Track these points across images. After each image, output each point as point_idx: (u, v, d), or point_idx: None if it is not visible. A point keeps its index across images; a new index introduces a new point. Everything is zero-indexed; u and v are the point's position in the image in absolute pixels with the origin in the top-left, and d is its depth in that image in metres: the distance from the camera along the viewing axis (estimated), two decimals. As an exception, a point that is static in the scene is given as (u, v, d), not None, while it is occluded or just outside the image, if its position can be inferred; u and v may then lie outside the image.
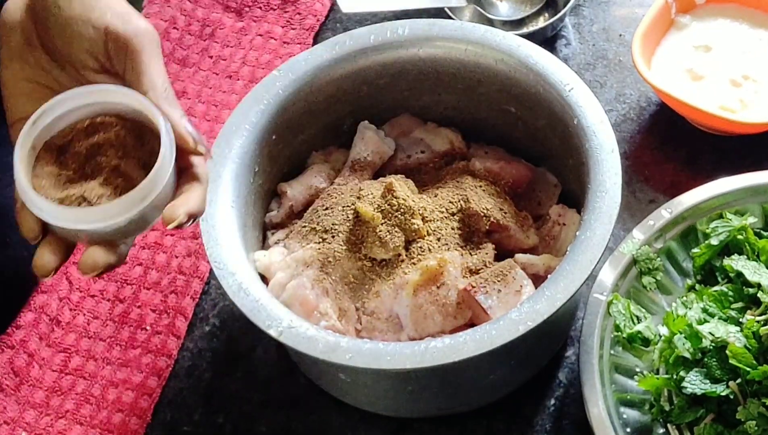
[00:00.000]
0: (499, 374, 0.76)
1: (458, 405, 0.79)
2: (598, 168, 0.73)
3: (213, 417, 0.82)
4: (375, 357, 0.67)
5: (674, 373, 0.72)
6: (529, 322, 0.66)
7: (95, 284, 0.90)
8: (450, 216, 0.78)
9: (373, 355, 0.67)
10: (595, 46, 1.01)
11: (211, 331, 0.87)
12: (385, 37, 0.84)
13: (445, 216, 0.78)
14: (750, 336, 0.70)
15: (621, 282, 0.77)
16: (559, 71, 0.79)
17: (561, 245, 0.79)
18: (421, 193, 0.80)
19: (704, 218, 0.80)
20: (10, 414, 0.83)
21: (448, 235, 0.77)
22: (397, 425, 0.80)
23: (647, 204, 0.89)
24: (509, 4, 1.05)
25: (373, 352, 0.67)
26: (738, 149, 0.91)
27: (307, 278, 0.76)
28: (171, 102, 0.62)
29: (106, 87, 0.63)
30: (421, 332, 0.74)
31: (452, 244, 0.77)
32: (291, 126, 0.83)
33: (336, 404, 0.81)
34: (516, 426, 0.79)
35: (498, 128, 0.86)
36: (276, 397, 0.83)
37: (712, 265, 0.79)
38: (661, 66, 0.93)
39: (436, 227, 0.77)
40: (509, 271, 0.74)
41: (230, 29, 1.07)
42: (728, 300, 0.75)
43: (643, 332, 0.75)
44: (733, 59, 0.92)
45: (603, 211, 0.71)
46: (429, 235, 0.77)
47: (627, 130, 0.95)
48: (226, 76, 1.03)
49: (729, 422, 0.70)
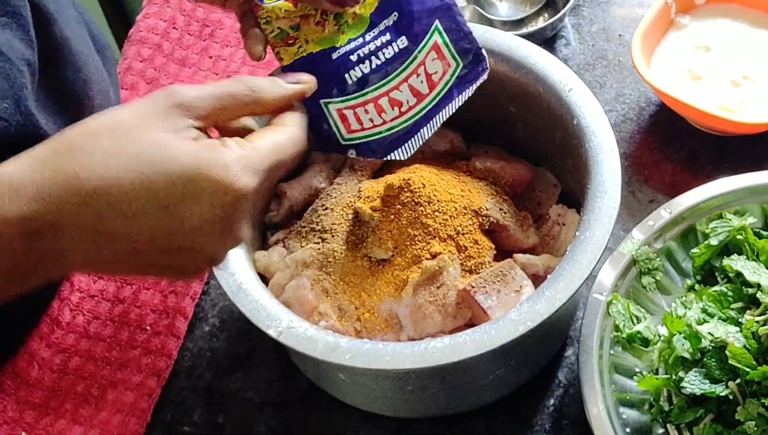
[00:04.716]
0: (499, 374, 0.76)
1: (458, 405, 0.79)
2: (597, 168, 0.73)
3: (213, 417, 0.82)
4: (375, 357, 0.67)
5: (674, 374, 0.72)
6: (529, 322, 0.66)
7: (95, 284, 0.90)
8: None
9: (373, 355, 0.67)
10: (595, 46, 1.01)
11: (211, 331, 0.87)
12: (384, 37, 0.84)
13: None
14: (749, 336, 0.70)
15: (620, 282, 0.77)
16: (558, 71, 0.79)
17: (561, 245, 0.79)
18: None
19: (704, 218, 0.80)
20: (10, 414, 0.83)
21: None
22: (397, 425, 0.80)
23: (647, 204, 0.89)
24: (509, 4, 1.05)
25: (373, 352, 0.67)
26: (738, 149, 0.91)
27: (306, 278, 0.76)
28: None
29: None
30: (421, 332, 0.74)
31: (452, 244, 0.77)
32: (291, 126, 0.83)
33: (336, 404, 0.81)
34: (516, 426, 0.79)
35: (498, 128, 0.86)
36: (276, 397, 0.83)
37: (712, 266, 0.79)
38: (660, 66, 0.93)
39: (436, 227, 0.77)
40: (509, 271, 0.74)
41: (230, 29, 1.07)
42: (728, 300, 0.75)
43: (642, 332, 0.75)
44: (733, 59, 0.92)
45: (603, 211, 0.71)
46: (430, 235, 0.77)
47: (627, 130, 0.95)
48: (226, 76, 1.03)
49: (728, 422, 0.70)
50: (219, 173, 0.57)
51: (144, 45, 1.06)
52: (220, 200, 0.57)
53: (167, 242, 0.57)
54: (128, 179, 0.55)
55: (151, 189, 0.55)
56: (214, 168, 0.57)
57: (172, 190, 0.56)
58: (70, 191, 0.54)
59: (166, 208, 0.56)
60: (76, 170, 0.54)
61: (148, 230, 0.56)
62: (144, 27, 1.08)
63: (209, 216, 0.57)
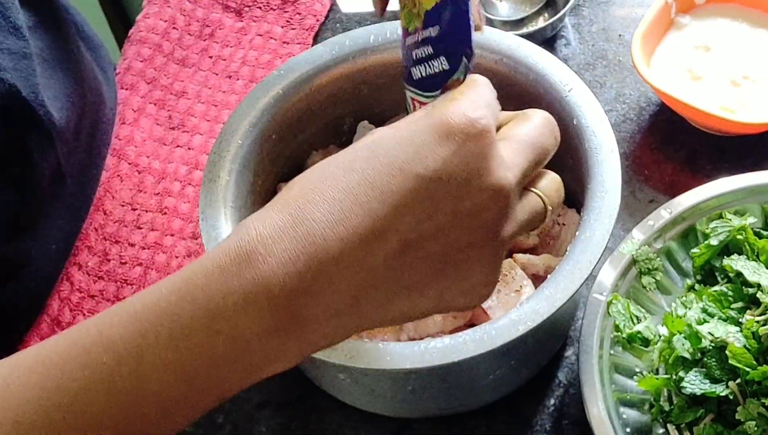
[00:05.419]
0: (499, 374, 0.76)
1: (458, 405, 0.79)
2: (598, 168, 0.73)
3: (213, 417, 0.82)
4: (375, 357, 0.67)
5: (674, 374, 0.72)
6: (529, 322, 0.66)
7: (95, 284, 0.90)
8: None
9: (373, 355, 0.67)
10: (595, 46, 1.01)
11: (211, 331, 0.87)
12: (385, 37, 0.84)
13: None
14: (749, 336, 0.70)
15: (621, 282, 0.77)
16: (558, 71, 0.79)
17: (561, 245, 0.79)
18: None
19: (704, 218, 0.80)
20: (10, 414, 0.83)
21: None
22: (397, 425, 0.80)
23: (647, 204, 0.89)
24: (509, 4, 1.05)
25: (373, 352, 0.67)
26: (738, 149, 0.91)
27: (306, 278, 0.76)
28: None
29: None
30: (421, 332, 0.74)
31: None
32: (291, 126, 0.84)
33: (336, 404, 0.81)
34: (516, 426, 0.79)
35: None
36: (276, 397, 0.83)
37: (712, 266, 0.79)
38: (660, 66, 0.93)
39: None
40: (509, 271, 0.74)
41: (230, 29, 1.07)
42: (728, 300, 0.75)
43: (642, 332, 0.75)
44: (733, 59, 0.92)
45: (603, 211, 0.71)
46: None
47: (627, 130, 0.95)
48: (226, 76, 1.03)
49: (728, 422, 0.70)
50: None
51: (144, 45, 1.06)
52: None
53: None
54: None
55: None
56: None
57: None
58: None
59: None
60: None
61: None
62: (144, 27, 1.08)
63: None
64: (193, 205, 0.94)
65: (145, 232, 0.93)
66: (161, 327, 0.48)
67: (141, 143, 0.99)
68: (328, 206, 0.48)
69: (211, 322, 0.48)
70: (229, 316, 0.48)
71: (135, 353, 0.48)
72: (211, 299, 0.48)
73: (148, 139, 0.99)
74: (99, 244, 0.92)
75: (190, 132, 1.00)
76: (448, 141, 0.50)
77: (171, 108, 1.01)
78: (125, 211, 0.94)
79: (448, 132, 0.50)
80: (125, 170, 0.97)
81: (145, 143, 0.99)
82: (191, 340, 0.48)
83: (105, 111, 0.98)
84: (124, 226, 0.93)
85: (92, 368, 0.48)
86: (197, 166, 0.97)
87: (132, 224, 0.93)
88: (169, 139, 0.99)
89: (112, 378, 0.48)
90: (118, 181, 0.96)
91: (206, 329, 0.48)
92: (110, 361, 0.48)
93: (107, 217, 0.94)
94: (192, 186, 0.95)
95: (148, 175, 0.97)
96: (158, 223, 0.93)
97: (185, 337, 0.48)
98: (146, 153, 0.98)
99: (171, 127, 1.00)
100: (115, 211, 0.94)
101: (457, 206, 0.49)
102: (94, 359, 0.48)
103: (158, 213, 0.94)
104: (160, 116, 1.01)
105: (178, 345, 0.48)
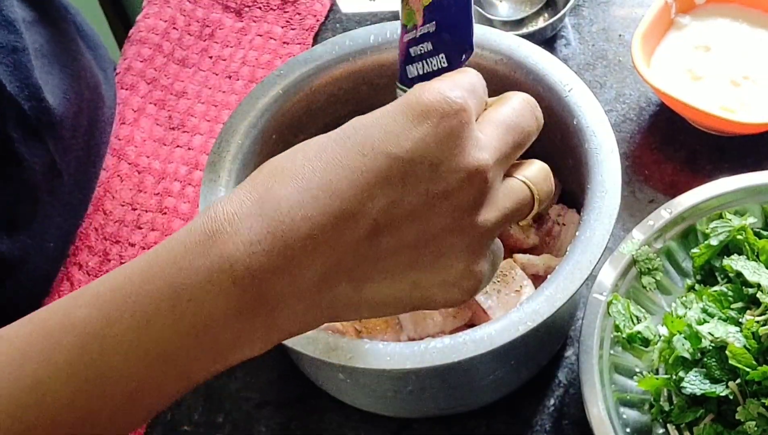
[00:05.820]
0: (499, 374, 0.76)
1: (458, 405, 0.79)
2: (598, 168, 0.73)
3: (213, 417, 0.82)
4: (375, 357, 0.67)
5: (674, 374, 0.72)
6: (529, 323, 0.66)
7: (95, 284, 0.90)
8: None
9: (373, 355, 0.67)
10: (595, 46, 1.01)
11: (211, 331, 0.87)
12: (385, 37, 0.84)
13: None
14: (750, 336, 0.70)
15: (621, 282, 0.77)
16: (558, 72, 0.79)
17: (561, 245, 0.79)
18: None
19: (704, 218, 0.80)
20: (10, 414, 0.83)
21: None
22: (397, 425, 0.80)
23: (647, 204, 0.89)
24: (509, 4, 1.05)
25: (373, 352, 0.67)
26: (738, 149, 0.91)
27: (306, 278, 0.76)
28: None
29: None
30: (421, 333, 0.74)
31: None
32: (291, 126, 0.83)
33: (336, 404, 0.81)
34: (516, 426, 0.79)
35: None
36: (276, 397, 0.83)
37: (712, 266, 0.79)
38: (660, 66, 0.93)
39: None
40: (509, 271, 0.74)
41: (230, 29, 1.07)
42: (728, 300, 0.75)
43: (642, 332, 0.75)
44: (733, 59, 0.92)
45: (603, 211, 0.71)
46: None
47: (627, 130, 0.95)
48: (226, 76, 1.03)
49: (728, 422, 0.70)
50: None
51: (144, 45, 1.06)
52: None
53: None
54: None
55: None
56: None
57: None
58: None
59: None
60: None
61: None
62: (144, 27, 1.08)
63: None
64: (193, 205, 0.94)
65: (146, 232, 0.93)
66: (125, 309, 0.47)
67: (141, 143, 0.99)
68: (297, 185, 0.47)
69: (175, 304, 0.46)
70: (194, 296, 0.46)
71: (98, 335, 0.47)
72: (174, 279, 0.46)
73: (148, 139, 0.99)
74: (99, 244, 0.92)
75: (190, 132, 1.00)
76: (422, 121, 0.48)
77: (171, 108, 1.01)
78: (125, 211, 0.94)
79: (423, 112, 0.48)
80: (125, 170, 0.97)
81: (145, 143, 0.99)
82: (155, 323, 0.47)
83: (104, 109, 0.98)
84: (125, 226, 0.94)
85: (54, 351, 0.47)
86: (197, 166, 0.97)
87: (132, 224, 0.94)
88: (169, 139, 0.99)
89: (74, 360, 0.47)
90: (118, 181, 0.96)
91: (170, 311, 0.47)
92: (72, 344, 0.47)
93: (107, 217, 0.94)
94: (192, 186, 0.95)
95: (148, 175, 0.97)
96: (158, 223, 0.93)
97: (148, 320, 0.47)
98: (146, 153, 0.98)
99: (171, 127, 1.00)
100: (115, 211, 0.94)
101: (430, 188, 0.48)
102: (56, 342, 0.47)
103: (158, 213, 0.94)
104: (160, 116, 1.01)
105: (140, 327, 0.47)
